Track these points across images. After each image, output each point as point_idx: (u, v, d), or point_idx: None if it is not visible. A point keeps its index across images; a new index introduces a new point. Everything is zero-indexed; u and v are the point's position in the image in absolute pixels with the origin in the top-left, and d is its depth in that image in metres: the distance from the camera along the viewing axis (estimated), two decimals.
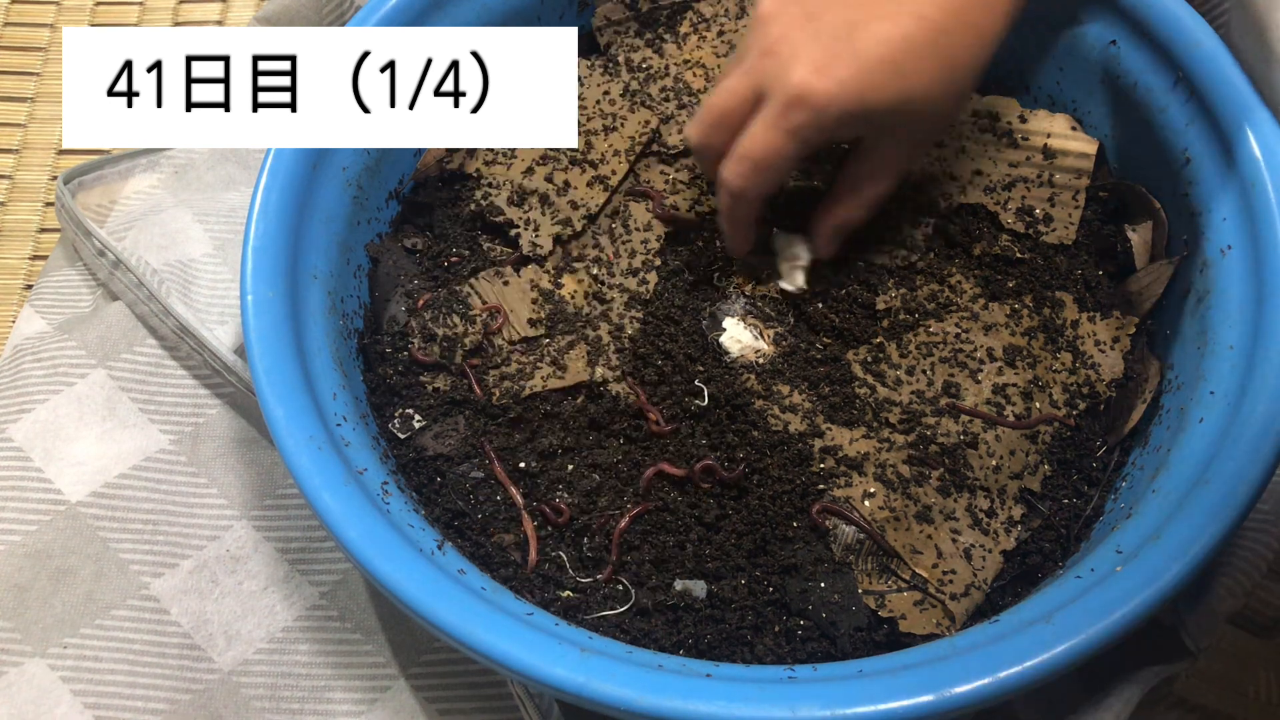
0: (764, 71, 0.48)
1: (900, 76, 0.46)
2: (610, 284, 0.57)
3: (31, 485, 0.58)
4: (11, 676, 0.53)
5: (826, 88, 0.46)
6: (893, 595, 0.49)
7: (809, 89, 0.46)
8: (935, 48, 0.46)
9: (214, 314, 0.61)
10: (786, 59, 0.47)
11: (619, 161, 0.59)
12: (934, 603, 0.48)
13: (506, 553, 0.50)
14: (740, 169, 0.49)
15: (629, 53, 0.63)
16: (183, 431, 0.59)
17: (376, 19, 0.56)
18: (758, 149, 0.48)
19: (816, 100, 0.46)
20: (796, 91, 0.46)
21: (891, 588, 0.49)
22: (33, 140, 0.80)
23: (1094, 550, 0.47)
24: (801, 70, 0.46)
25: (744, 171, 0.49)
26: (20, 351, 0.62)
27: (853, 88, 0.46)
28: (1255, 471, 0.44)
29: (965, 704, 0.40)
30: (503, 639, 0.42)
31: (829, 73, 0.46)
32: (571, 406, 0.53)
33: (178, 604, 0.55)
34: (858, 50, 0.46)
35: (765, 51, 0.48)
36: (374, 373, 0.55)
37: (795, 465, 0.51)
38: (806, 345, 0.55)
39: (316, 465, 0.46)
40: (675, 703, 0.40)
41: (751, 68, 0.49)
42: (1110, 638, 0.41)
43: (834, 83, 0.46)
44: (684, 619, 0.49)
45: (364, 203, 0.57)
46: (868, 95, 0.46)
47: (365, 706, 0.53)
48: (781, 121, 0.47)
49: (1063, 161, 0.58)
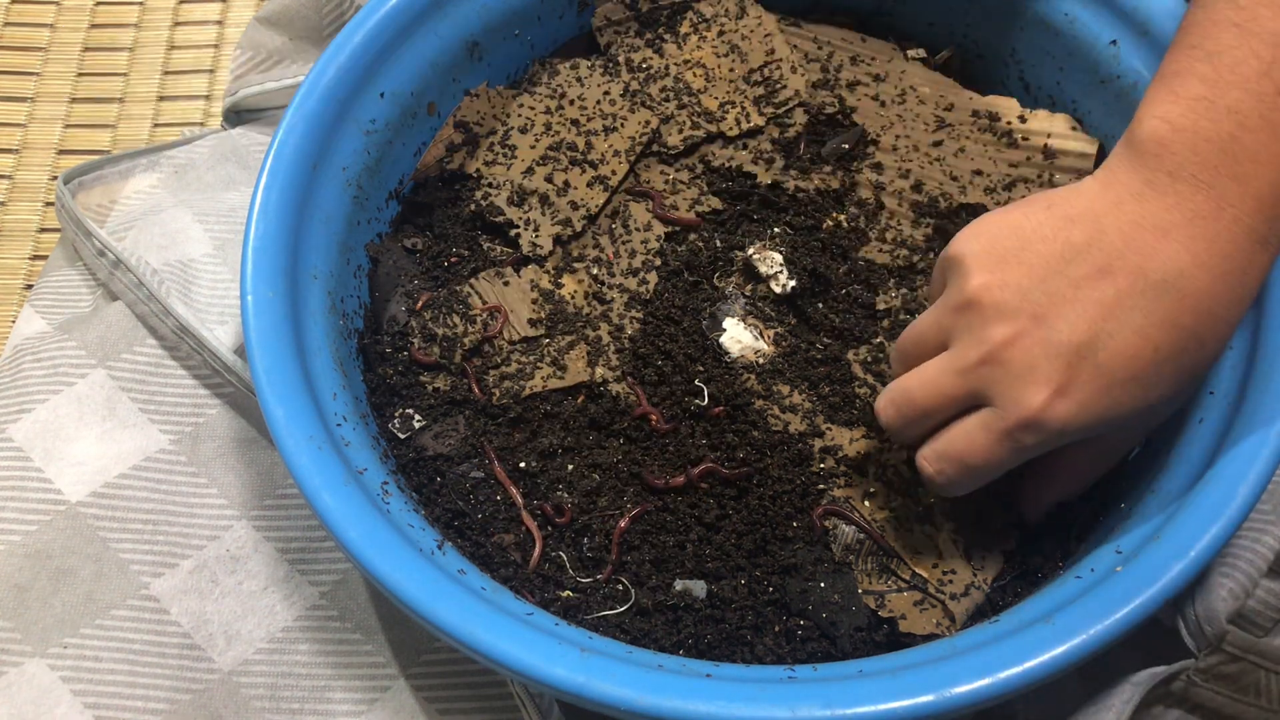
0: (988, 380, 0.42)
1: (1145, 391, 0.41)
2: (610, 284, 0.57)
3: (31, 485, 0.58)
4: (11, 676, 0.53)
5: (1067, 412, 0.41)
6: (893, 595, 0.49)
7: (1048, 414, 0.41)
8: (1184, 354, 0.41)
9: (214, 314, 0.61)
10: (1019, 373, 0.41)
11: (619, 161, 0.59)
12: (934, 602, 0.48)
13: (506, 553, 0.50)
14: (946, 469, 0.45)
15: (629, 53, 0.63)
16: (183, 431, 0.59)
17: (376, 19, 0.56)
18: (975, 457, 0.44)
19: (1054, 425, 0.41)
20: (1034, 417, 0.41)
21: (891, 588, 0.49)
22: (33, 140, 0.80)
23: (1094, 550, 0.47)
24: (1040, 394, 0.41)
25: (950, 473, 0.45)
26: (20, 351, 0.62)
27: (1096, 410, 0.41)
28: (1255, 471, 0.44)
29: (965, 704, 0.40)
30: (503, 639, 0.42)
31: (1070, 395, 0.41)
32: (571, 406, 0.53)
33: (178, 604, 0.55)
34: (1101, 368, 0.41)
35: (989, 358, 0.42)
36: (374, 373, 0.55)
37: (795, 465, 0.51)
38: (806, 345, 0.55)
39: (316, 465, 0.46)
40: (675, 703, 0.40)
41: (968, 370, 0.43)
42: (1110, 638, 0.41)
43: (1076, 406, 0.41)
44: (684, 619, 0.49)
45: (364, 203, 0.57)
46: (1109, 413, 0.41)
47: (365, 706, 0.53)
48: (1009, 440, 0.42)
49: (1063, 161, 0.58)
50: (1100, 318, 0.41)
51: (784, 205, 0.59)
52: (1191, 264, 0.40)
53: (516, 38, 0.62)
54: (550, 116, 0.61)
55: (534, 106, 0.61)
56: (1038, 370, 0.41)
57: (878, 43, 0.64)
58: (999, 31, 0.63)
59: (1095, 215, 0.42)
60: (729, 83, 0.62)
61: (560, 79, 0.62)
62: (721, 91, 0.61)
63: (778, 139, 0.60)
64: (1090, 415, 0.41)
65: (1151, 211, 0.41)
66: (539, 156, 0.60)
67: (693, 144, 0.60)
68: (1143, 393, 0.41)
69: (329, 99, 0.55)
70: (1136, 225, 0.41)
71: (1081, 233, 0.42)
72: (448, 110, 0.61)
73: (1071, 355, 0.41)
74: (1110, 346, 0.41)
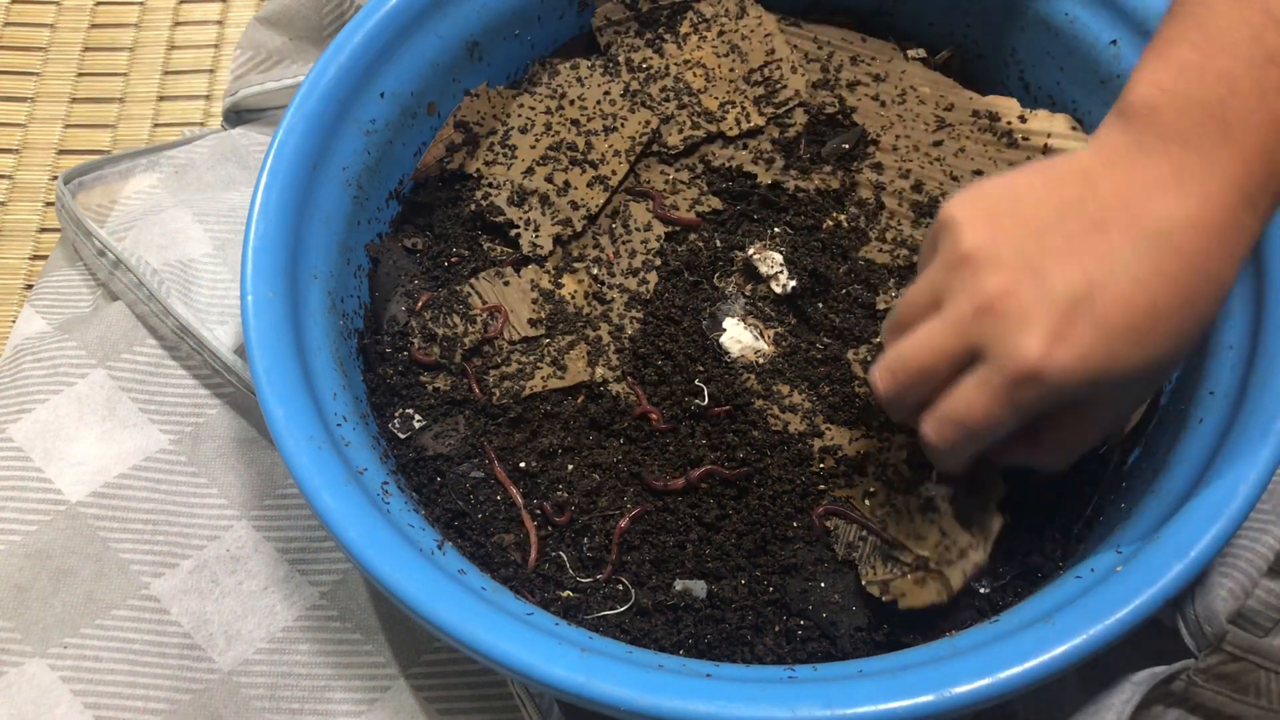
0: (983, 333, 0.41)
1: (1144, 345, 0.40)
2: (610, 284, 0.57)
3: (31, 485, 0.58)
4: (11, 676, 0.53)
5: (1065, 363, 0.40)
6: (896, 581, 0.48)
7: (1046, 364, 0.40)
8: (1180, 309, 0.40)
9: (214, 314, 0.61)
10: (1015, 323, 0.40)
11: (619, 161, 0.59)
12: (934, 575, 0.48)
13: (506, 553, 0.50)
14: (947, 432, 0.43)
15: (629, 53, 0.63)
16: (183, 431, 0.59)
17: (376, 19, 0.56)
18: (975, 418, 0.42)
19: (1053, 377, 0.40)
20: (1031, 367, 0.40)
21: (896, 575, 0.49)
22: (33, 140, 0.80)
23: (1094, 550, 0.47)
24: (1036, 342, 0.40)
25: (952, 436, 0.43)
26: (20, 351, 0.62)
27: (1095, 363, 0.40)
28: (1255, 471, 0.44)
29: (965, 704, 0.40)
30: (503, 639, 0.42)
31: (1067, 344, 0.40)
32: (571, 406, 0.53)
33: (178, 604, 0.55)
34: (1099, 318, 0.40)
35: (984, 309, 0.41)
36: (374, 373, 0.55)
37: (795, 465, 0.51)
38: (806, 345, 0.55)
39: (316, 465, 0.46)
40: (675, 703, 0.40)
41: (963, 323, 0.42)
42: (1110, 638, 0.41)
43: (1074, 357, 0.40)
44: (684, 619, 0.49)
45: (364, 203, 0.57)
46: (1109, 368, 0.40)
47: (365, 706, 0.53)
48: (1007, 395, 0.41)
49: None
50: (1096, 268, 0.40)
51: (784, 205, 0.59)
52: (1184, 219, 0.40)
53: (516, 38, 0.62)
54: (550, 116, 0.61)
55: (534, 106, 0.61)
56: (1034, 319, 0.40)
57: (878, 43, 0.64)
58: (999, 31, 0.63)
59: (1088, 174, 0.42)
60: (729, 83, 0.62)
61: (560, 79, 0.62)
62: (721, 91, 0.61)
63: (778, 139, 0.60)
64: (1088, 368, 0.40)
65: (1143, 170, 0.41)
66: (539, 156, 0.60)
67: (693, 144, 0.60)
68: (1140, 348, 0.40)
69: (329, 99, 0.55)
70: (1129, 182, 0.41)
71: (1074, 190, 0.42)
72: (448, 110, 0.61)
73: (1068, 305, 0.40)
74: (1107, 297, 0.40)
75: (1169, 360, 0.42)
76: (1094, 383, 0.41)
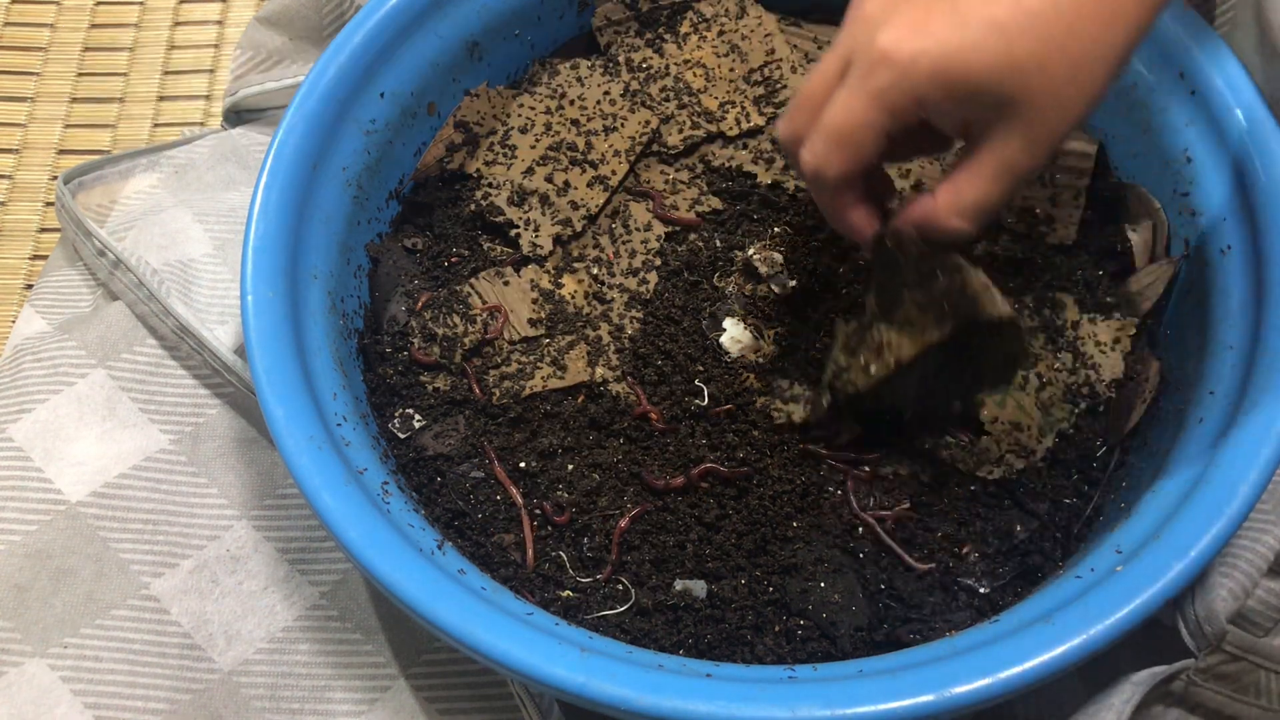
0: (853, 39, 0.42)
1: (1005, 40, 0.39)
2: (610, 284, 0.57)
3: (31, 485, 0.58)
4: (11, 676, 0.53)
5: (916, 43, 0.40)
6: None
7: (897, 45, 0.40)
8: (1051, 17, 0.39)
9: (214, 314, 0.61)
10: (878, 22, 0.41)
11: (619, 161, 0.59)
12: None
13: (506, 553, 0.50)
14: (816, 146, 0.43)
15: (629, 53, 0.63)
16: (183, 431, 0.59)
17: (376, 19, 0.56)
18: (837, 119, 0.42)
19: (903, 55, 0.40)
20: (882, 49, 0.40)
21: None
22: (33, 140, 0.80)
23: (1094, 550, 0.47)
24: (891, 30, 0.40)
25: (821, 149, 0.43)
26: (20, 351, 0.62)
27: (950, 43, 0.40)
28: (1255, 471, 0.44)
29: (965, 704, 0.40)
30: (503, 639, 0.42)
31: (922, 29, 0.40)
32: (571, 406, 0.53)
33: (178, 604, 0.55)
34: (959, 7, 0.40)
35: (856, 20, 0.43)
36: (374, 373, 0.55)
37: (795, 465, 0.51)
38: (806, 345, 0.55)
39: (316, 465, 0.46)
40: (675, 703, 0.40)
41: (840, 41, 0.43)
42: (1110, 638, 0.41)
43: (927, 38, 0.40)
44: (684, 619, 0.49)
45: (364, 203, 0.57)
46: (966, 54, 0.39)
47: (365, 706, 0.53)
48: (863, 84, 0.41)
49: (1063, 161, 0.58)
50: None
51: (784, 205, 0.59)
52: None
53: (516, 38, 0.62)
54: (550, 116, 0.61)
55: (534, 106, 0.61)
56: (894, 15, 0.41)
57: None
58: None
59: None
60: (729, 82, 0.62)
61: (560, 79, 0.62)
62: (721, 91, 0.61)
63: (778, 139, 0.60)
64: (944, 51, 0.40)
65: None
66: (539, 156, 0.60)
67: (693, 144, 0.60)
68: (1004, 43, 0.39)
69: (329, 99, 0.55)
70: None
71: None
72: (448, 110, 0.61)
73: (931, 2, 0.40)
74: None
75: (1042, 75, 0.40)
76: (952, 72, 0.40)
